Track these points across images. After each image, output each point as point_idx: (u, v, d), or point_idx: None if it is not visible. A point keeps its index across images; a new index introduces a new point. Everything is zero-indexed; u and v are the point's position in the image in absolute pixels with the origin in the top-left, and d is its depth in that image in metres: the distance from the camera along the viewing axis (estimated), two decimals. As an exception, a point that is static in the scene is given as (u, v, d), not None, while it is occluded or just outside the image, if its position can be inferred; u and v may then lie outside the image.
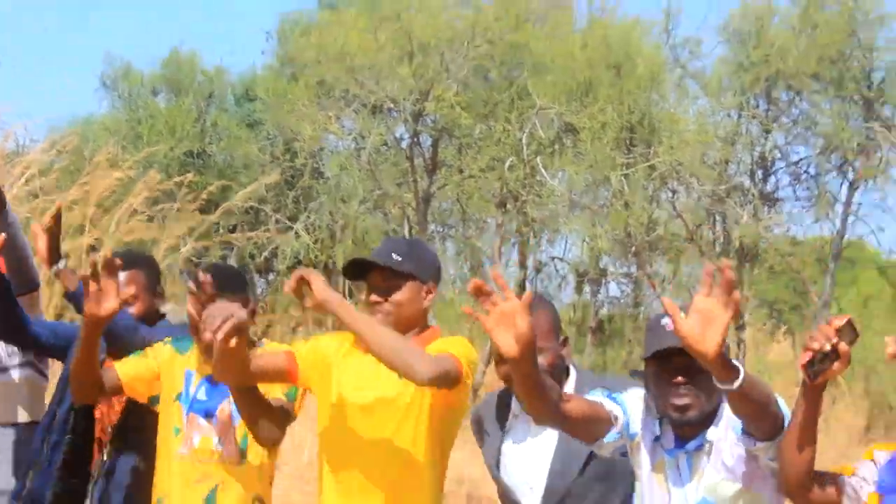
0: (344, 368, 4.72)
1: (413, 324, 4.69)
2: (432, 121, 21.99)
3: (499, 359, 4.71)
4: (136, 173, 18.72)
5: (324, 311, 4.43)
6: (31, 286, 5.86)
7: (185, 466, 4.95)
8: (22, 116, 28.26)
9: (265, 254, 21.82)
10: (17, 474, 5.77)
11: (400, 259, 4.66)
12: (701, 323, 3.73)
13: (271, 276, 23.71)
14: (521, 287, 21.96)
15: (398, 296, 4.66)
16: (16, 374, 6.08)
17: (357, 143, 22.50)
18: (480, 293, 3.87)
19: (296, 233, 21.87)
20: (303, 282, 4.38)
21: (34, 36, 55.03)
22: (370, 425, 4.63)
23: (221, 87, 25.81)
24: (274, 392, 4.88)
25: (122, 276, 5.43)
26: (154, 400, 5.13)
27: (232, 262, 21.29)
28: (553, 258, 24.73)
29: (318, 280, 4.38)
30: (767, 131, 22.58)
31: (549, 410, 4.09)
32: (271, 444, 4.85)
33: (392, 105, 21.83)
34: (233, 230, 20.65)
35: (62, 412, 5.55)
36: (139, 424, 5.28)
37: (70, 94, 40.95)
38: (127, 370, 5.17)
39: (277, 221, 22.19)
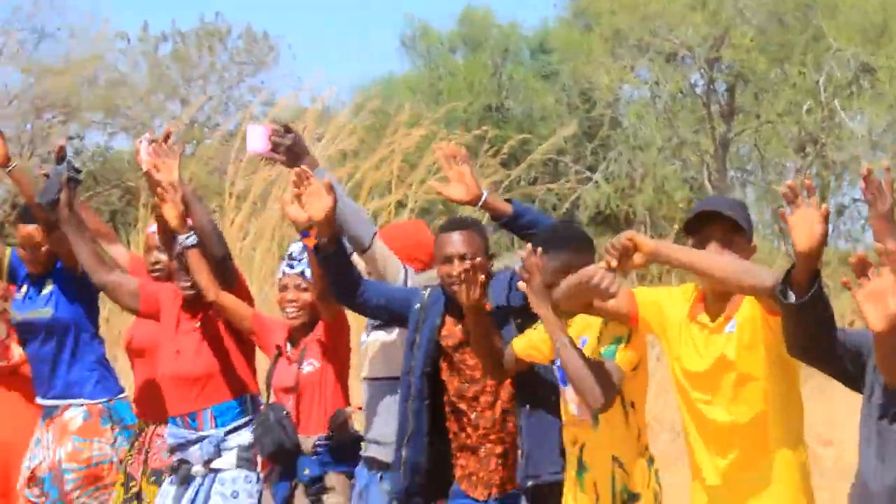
0: (681, 336, 4.87)
1: None
2: (727, 67, 21.95)
3: None
4: (437, 130, 19.27)
5: (656, 261, 4.58)
6: (361, 248, 5.95)
7: (566, 430, 5.27)
8: (330, 81, 29.19)
9: (566, 205, 22.10)
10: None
11: (736, 215, 4.74)
12: None
13: (573, 227, 24.03)
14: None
15: (735, 250, 4.73)
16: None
17: (653, 92, 22.63)
18: (862, 268, 3.95)
19: (595, 182, 22.13)
20: (627, 245, 4.50)
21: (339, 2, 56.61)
22: (714, 387, 4.77)
23: (516, 41, 26.16)
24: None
25: (458, 237, 5.66)
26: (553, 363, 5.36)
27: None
28: (855, 200, 24.40)
29: (640, 236, 4.55)
30: None
31: None
32: (603, 401, 4.98)
33: (687, 52, 21.87)
34: (533, 182, 20.96)
35: (416, 380, 5.79)
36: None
37: (372, 56, 41.98)
38: (522, 343, 5.46)
39: (577, 172, 22.44)
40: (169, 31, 26.48)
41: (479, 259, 5.48)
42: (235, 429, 6.57)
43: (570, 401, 5.21)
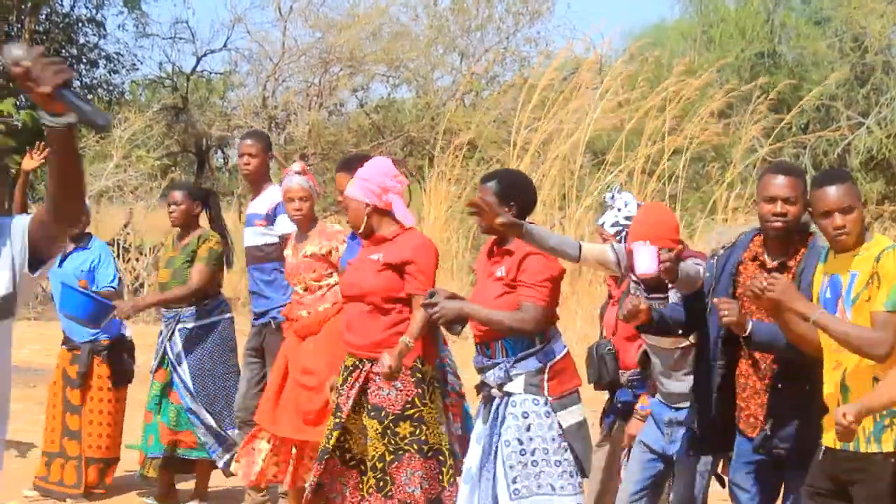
0: None
1: None
2: None
3: None
4: (710, 77, 19.74)
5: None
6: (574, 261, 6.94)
7: (826, 357, 5.85)
8: (603, 30, 29.65)
9: (837, 151, 22.25)
10: None
11: None
12: None
13: (847, 173, 24.06)
14: None
15: None
16: None
17: (926, 36, 22.55)
18: None
19: (867, 128, 22.21)
20: None
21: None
22: None
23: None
24: None
25: (784, 180, 6.17)
26: None
27: (805, 161, 21.90)
28: None
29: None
30: None
31: None
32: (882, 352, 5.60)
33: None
34: (804, 129, 21.18)
35: (714, 335, 6.39)
36: None
37: (644, 3, 42.09)
38: None
39: (848, 118, 22.53)
40: (449, -16, 27.43)
41: (798, 205, 6.09)
42: (524, 357, 7.30)
43: None
